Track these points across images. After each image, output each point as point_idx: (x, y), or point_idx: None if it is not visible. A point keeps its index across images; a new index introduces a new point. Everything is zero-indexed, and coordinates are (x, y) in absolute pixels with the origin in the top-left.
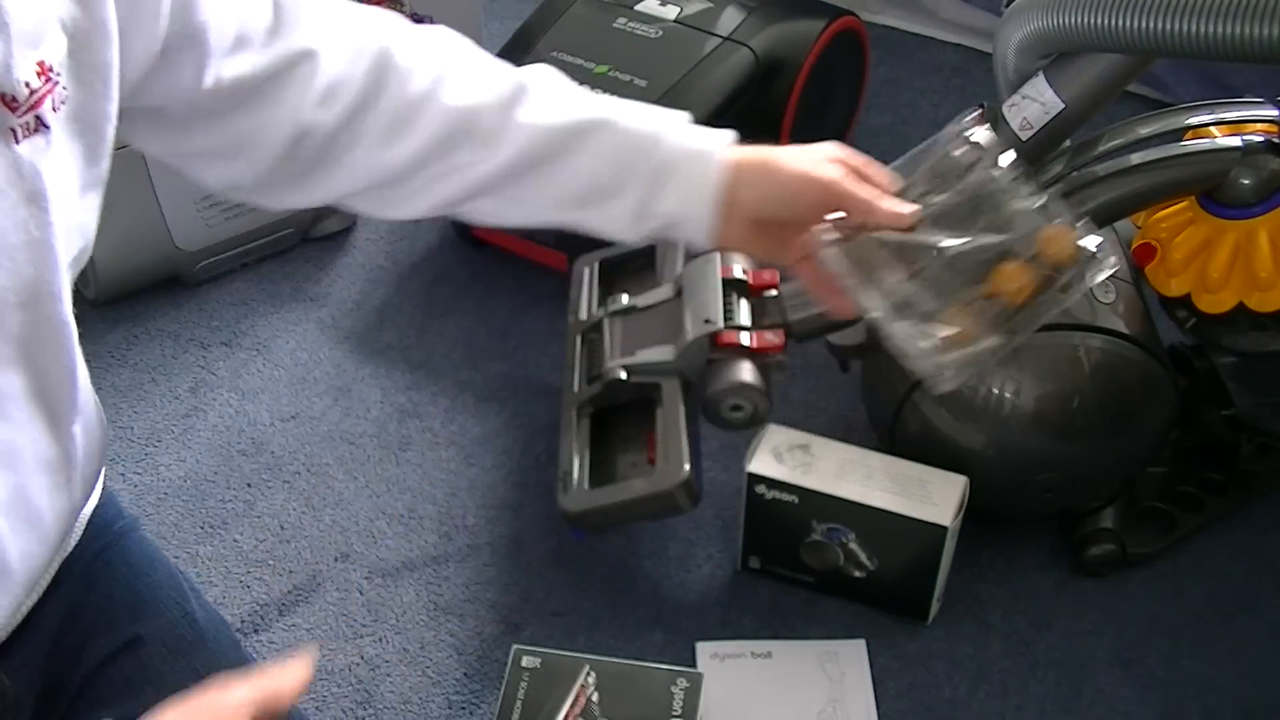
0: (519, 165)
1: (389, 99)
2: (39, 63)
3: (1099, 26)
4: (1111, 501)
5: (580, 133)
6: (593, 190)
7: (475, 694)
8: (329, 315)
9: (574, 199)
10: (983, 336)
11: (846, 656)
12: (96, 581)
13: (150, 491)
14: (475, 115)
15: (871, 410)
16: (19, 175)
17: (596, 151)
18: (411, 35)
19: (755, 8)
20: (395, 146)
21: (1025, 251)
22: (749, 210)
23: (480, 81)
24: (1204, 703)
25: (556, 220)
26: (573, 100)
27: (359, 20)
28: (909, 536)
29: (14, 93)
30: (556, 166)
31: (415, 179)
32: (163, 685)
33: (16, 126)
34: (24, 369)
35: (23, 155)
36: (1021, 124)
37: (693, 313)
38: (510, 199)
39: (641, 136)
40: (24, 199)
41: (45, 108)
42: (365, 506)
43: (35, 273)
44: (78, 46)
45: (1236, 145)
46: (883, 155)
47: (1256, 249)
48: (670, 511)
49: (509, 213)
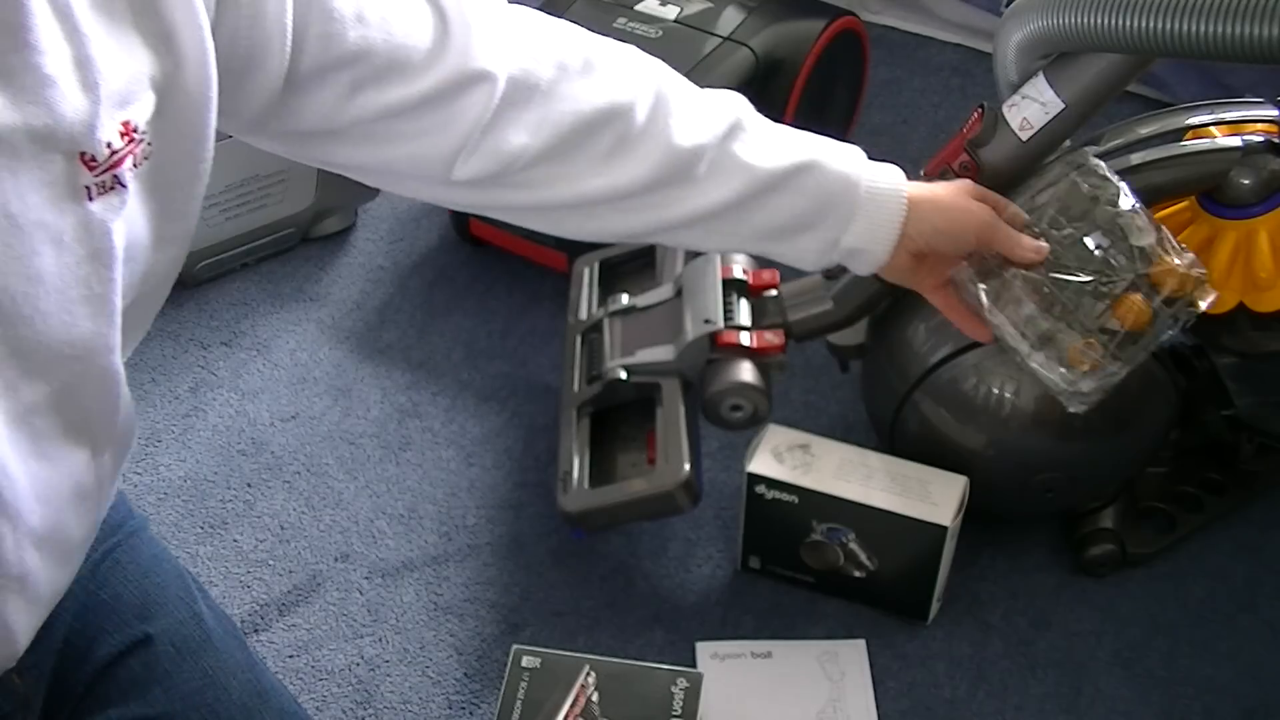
0: (728, 203)
1: (611, 130)
2: (124, 123)
3: (1099, 26)
4: (1111, 501)
5: (791, 174)
6: (791, 226)
7: (475, 694)
8: (329, 315)
9: (771, 233)
10: (1108, 362)
11: (846, 656)
12: (106, 580)
13: (150, 491)
14: (699, 154)
15: (871, 410)
16: (87, 233)
17: (800, 190)
18: (617, 57)
19: (755, 8)
20: (608, 175)
21: (1144, 284)
22: (916, 244)
23: (700, 116)
24: (1204, 703)
25: (746, 248)
26: (783, 139)
27: (547, 35)
28: (909, 536)
29: (94, 152)
30: (763, 204)
31: (620, 205)
32: (170, 684)
33: (91, 185)
34: (67, 412)
35: (94, 213)
36: (1021, 124)
37: (693, 313)
38: (710, 232)
39: (840, 177)
40: (89, 256)
41: (124, 167)
42: (365, 506)
43: (93, 327)
44: (168, 105)
45: (1236, 145)
46: (883, 155)
47: (1256, 249)
48: (670, 511)
49: (707, 242)
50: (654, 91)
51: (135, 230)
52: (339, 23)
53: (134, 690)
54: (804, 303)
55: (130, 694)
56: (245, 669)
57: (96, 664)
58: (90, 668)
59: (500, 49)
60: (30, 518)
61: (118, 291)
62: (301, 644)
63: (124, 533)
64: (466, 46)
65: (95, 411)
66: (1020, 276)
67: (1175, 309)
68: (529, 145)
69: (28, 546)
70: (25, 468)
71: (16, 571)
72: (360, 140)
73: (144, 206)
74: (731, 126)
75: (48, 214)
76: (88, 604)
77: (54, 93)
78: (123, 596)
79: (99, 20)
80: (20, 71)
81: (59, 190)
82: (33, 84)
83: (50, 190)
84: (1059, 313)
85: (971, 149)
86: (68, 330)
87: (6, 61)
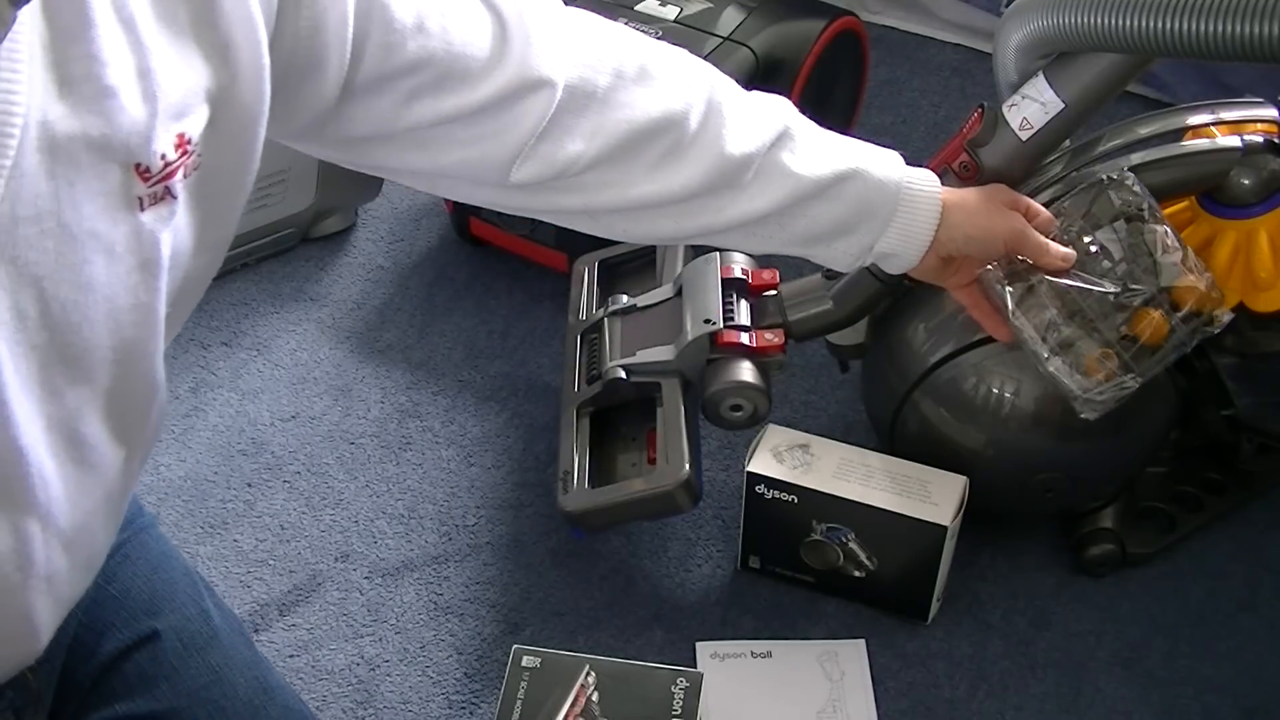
0: (773, 210)
1: (665, 137)
2: (179, 135)
3: (1099, 26)
4: (1111, 501)
5: (834, 182)
6: (831, 231)
7: (475, 694)
8: (329, 315)
9: (812, 238)
10: (1123, 373)
11: (846, 656)
12: (115, 576)
13: (150, 491)
14: (748, 162)
15: (871, 410)
16: (138, 243)
17: (842, 198)
18: (672, 64)
19: (755, 8)
20: (660, 181)
21: (1164, 300)
22: (948, 248)
23: (750, 124)
24: (1204, 703)
25: (785, 251)
26: (828, 147)
27: (605, 41)
28: (909, 536)
29: (149, 164)
30: (806, 210)
31: (669, 209)
32: (177, 680)
33: (144, 196)
34: (108, 419)
35: (145, 223)
36: (1021, 124)
37: (693, 312)
38: (752, 236)
39: (881, 185)
40: (138, 265)
41: (176, 179)
42: (365, 506)
43: (136, 334)
44: (221, 117)
45: (1236, 145)
46: None
47: (1256, 249)
48: (670, 511)
49: (749, 244)
50: (706, 99)
51: (180, 239)
52: (399, 33)
53: (141, 685)
54: (804, 303)
55: (137, 689)
56: (251, 666)
57: (104, 659)
58: (98, 662)
59: (559, 55)
60: (61, 520)
61: (162, 300)
62: (301, 644)
63: (134, 529)
64: (526, 54)
65: (134, 417)
66: (1046, 282)
67: (1192, 326)
68: (584, 152)
69: (57, 548)
70: (62, 471)
71: (45, 572)
72: (415, 145)
73: (190, 216)
74: (780, 135)
75: (101, 224)
76: (97, 599)
77: (114, 103)
78: (131, 592)
79: (162, 32)
80: (81, 81)
81: (114, 200)
82: (93, 94)
83: (106, 200)
84: (1080, 321)
85: (971, 149)
86: (114, 337)
87: (69, 70)
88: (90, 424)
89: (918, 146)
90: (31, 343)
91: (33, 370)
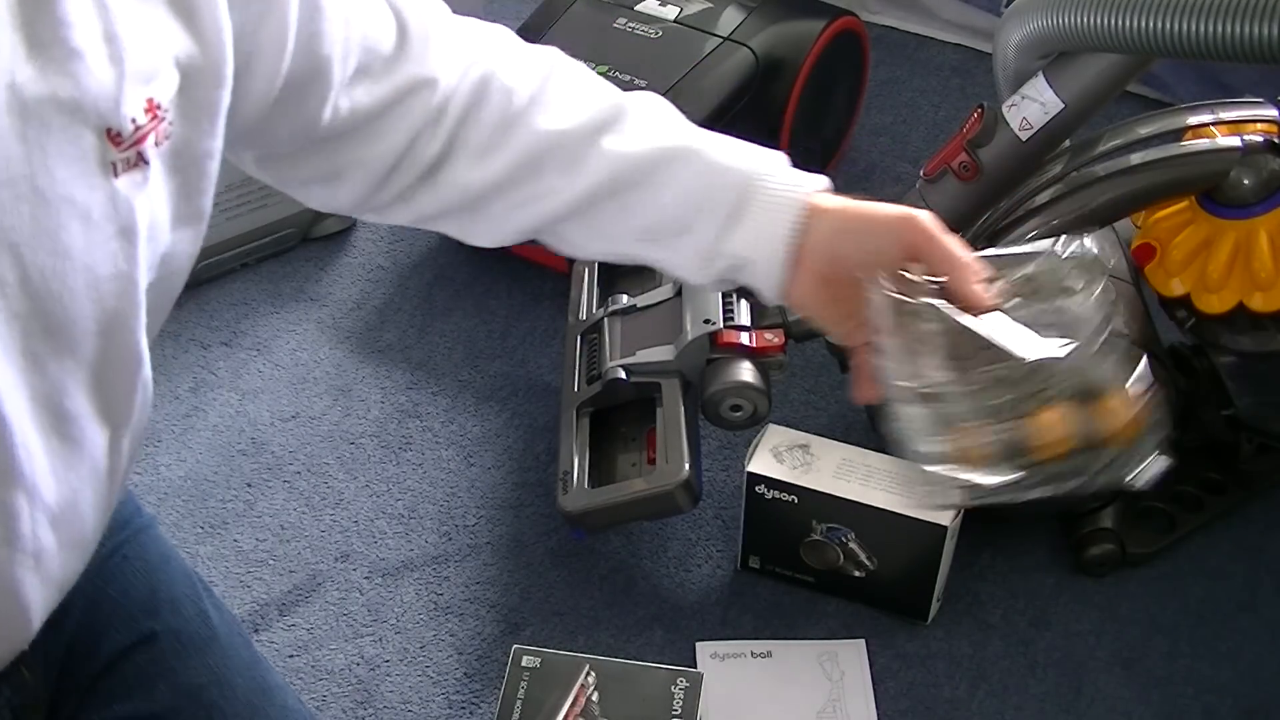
0: (598, 194)
1: (487, 118)
2: (149, 99)
3: (1099, 26)
4: (1111, 501)
5: (663, 162)
6: (668, 225)
7: (475, 694)
8: (329, 315)
9: (649, 232)
10: (992, 466)
11: (846, 656)
12: (114, 576)
13: (150, 491)
14: (562, 140)
15: (871, 410)
16: (114, 209)
17: (676, 182)
18: (519, 53)
19: (755, 8)
20: (484, 166)
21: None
22: (820, 255)
23: (576, 105)
24: (1204, 703)
25: (635, 254)
26: (665, 128)
27: (472, 38)
28: (909, 536)
29: (120, 128)
30: (636, 196)
31: (500, 201)
32: (176, 680)
33: (118, 161)
34: (94, 393)
35: (120, 190)
36: (1021, 124)
37: (693, 312)
38: (592, 228)
39: (725, 171)
40: (116, 233)
41: (148, 144)
42: (365, 506)
43: (117, 305)
44: (189, 84)
45: (1236, 145)
46: (883, 155)
47: (1256, 249)
48: (670, 511)
49: (593, 244)
50: (537, 82)
51: (157, 208)
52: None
53: (139, 686)
54: None
55: (136, 690)
56: (250, 666)
57: (103, 659)
58: (96, 663)
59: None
60: (47, 495)
61: (142, 270)
62: (301, 644)
63: (132, 529)
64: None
65: (118, 394)
66: (939, 315)
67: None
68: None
69: (44, 524)
70: (47, 445)
71: (32, 547)
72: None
73: (165, 185)
74: (612, 113)
75: (76, 189)
76: (95, 599)
77: (81, 66)
78: (130, 593)
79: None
80: (49, 43)
81: (88, 166)
82: (61, 56)
83: (79, 165)
84: (966, 384)
85: (971, 149)
86: (95, 308)
87: (36, 32)
88: (74, 398)
89: (918, 146)
90: (13, 311)
91: (15, 340)
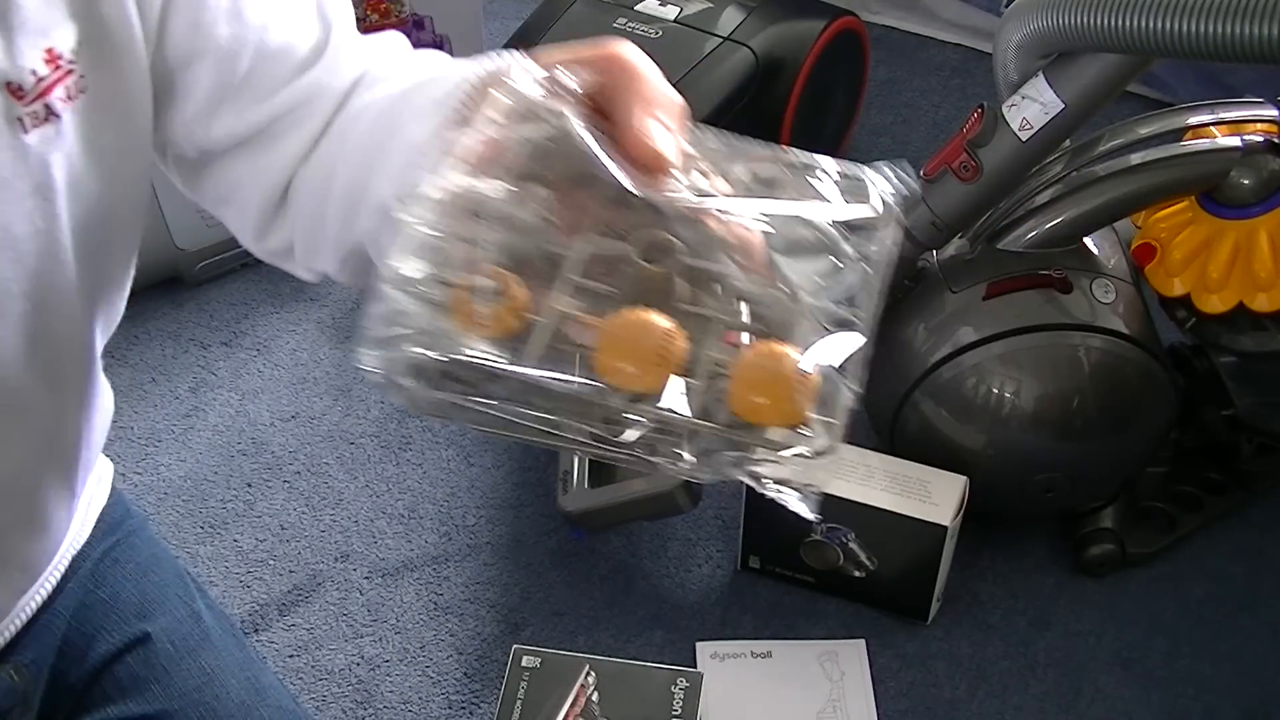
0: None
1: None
2: (48, 50)
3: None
4: (1111, 501)
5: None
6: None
7: (475, 694)
8: (329, 315)
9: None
10: (501, 347)
11: (846, 656)
12: (105, 579)
13: (150, 491)
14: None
15: (871, 410)
16: (26, 166)
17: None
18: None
19: (755, 8)
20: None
21: (706, 336)
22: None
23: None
24: (1204, 703)
25: (345, 224)
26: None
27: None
28: (909, 536)
29: (20, 81)
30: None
31: (245, 149)
32: (169, 682)
33: (24, 115)
34: (33, 364)
35: (30, 145)
36: (1021, 124)
37: None
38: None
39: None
40: (31, 190)
41: (54, 96)
42: (365, 506)
43: (39, 265)
44: (96, 35)
45: (1236, 145)
46: (883, 155)
47: (1256, 249)
48: (670, 511)
49: (329, 205)
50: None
51: (77, 166)
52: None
53: (132, 688)
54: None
55: (128, 692)
56: (244, 667)
57: (95, 662)
58: (89, 666)
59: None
60: None
61: (64, 228)
62: (301, 644)
63: (123, 531)
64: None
65: (62, 362)
66: (564, 128)
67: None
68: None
69: None
70: None
71: None
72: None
73: (88, 142)
74: (355, 80)
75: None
76: (86, 602)
77: None
78: (121, 595)
79: None
80: None
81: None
82: None
83: None
84: (529, 211)
85: (971, 149)
86: (17, 268)
87: None
88: (9, 366)
89: (918, 146)
90: None
91: None
